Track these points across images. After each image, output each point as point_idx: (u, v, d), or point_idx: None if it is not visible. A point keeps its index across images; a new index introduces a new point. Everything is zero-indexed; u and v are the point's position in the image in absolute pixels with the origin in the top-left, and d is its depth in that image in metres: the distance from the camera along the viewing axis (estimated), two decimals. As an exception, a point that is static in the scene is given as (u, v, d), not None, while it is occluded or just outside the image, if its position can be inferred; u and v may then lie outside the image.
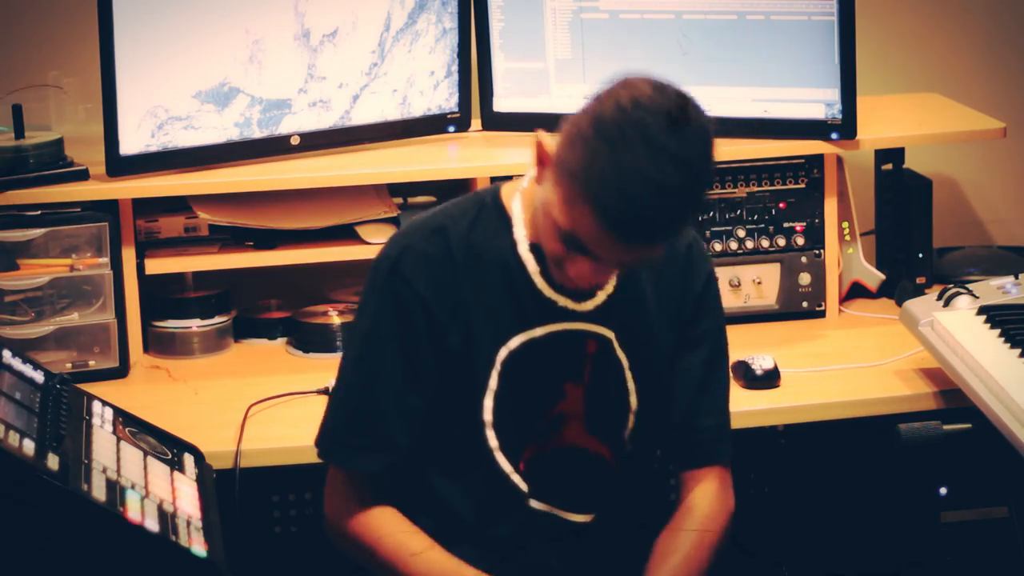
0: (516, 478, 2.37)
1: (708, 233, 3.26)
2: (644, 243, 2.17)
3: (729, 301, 3.26)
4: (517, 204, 2.35)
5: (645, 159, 2.10)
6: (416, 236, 2.36)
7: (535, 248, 2.32)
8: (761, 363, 2.91)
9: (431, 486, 2.39)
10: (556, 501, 2.39)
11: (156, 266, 3.15)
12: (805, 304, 3.29)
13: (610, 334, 2.37)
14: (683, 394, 2.42)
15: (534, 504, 2.38)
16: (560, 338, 2.35)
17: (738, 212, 3.27)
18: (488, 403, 2.34)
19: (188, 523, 2.35)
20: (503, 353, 2.34)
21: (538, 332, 2.35)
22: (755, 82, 3.22)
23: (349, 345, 2.42)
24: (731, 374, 2.92)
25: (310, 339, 3.22)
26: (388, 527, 2.35)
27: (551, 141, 2.21)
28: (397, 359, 2.33)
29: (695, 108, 2.17)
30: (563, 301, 2.35)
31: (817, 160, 3.26)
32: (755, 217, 3.28)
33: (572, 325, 2.36)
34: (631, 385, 2.39)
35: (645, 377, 2.40)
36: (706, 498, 2.41)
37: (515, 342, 2.34)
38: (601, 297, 2.36)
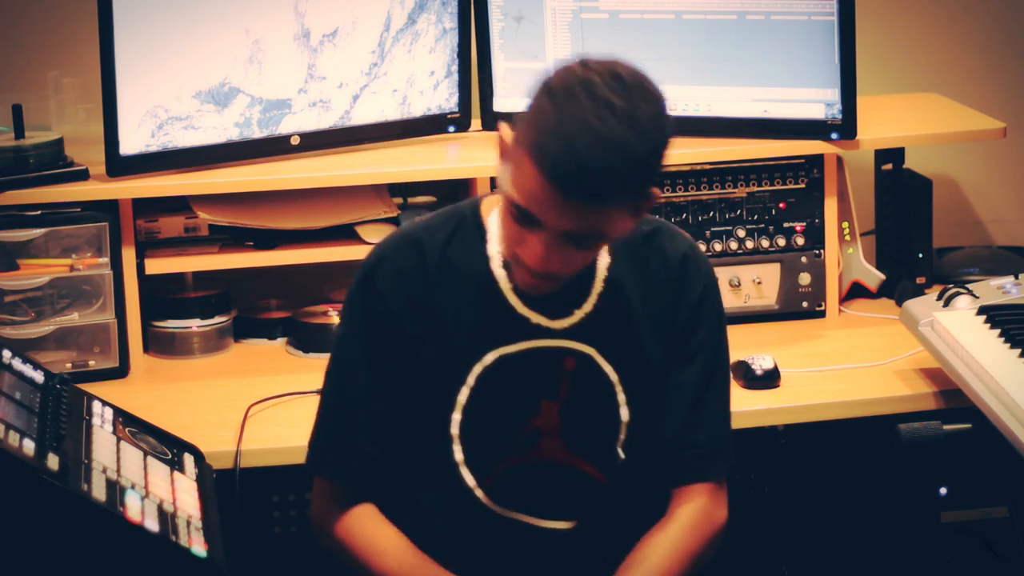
0: (480, 492, 2.36)
1: (708, 233, 3.26)
2: (587, 199, 2.12)
3: (729, 301, 3.26)
4: (494, 218, 2.33)
5: (589, 110, 2.10)
6: (391, 248, 2.37)
7: (509, 264, 2.30)
8: (761, 363, 2.91)
9: (405, 494, 2.40)
10: (531, 511, 2.37)
11: (156, 266, 3.15)
12: (805, 304, 3.29)
13: (590, 350, 2.34)
14: (677, 409, 2.38)
15: (507, 513, 2.37)
16: (535, 355, 2.33)
17: (738, 212, 3.27)
18: (456, 417, 2.34)
19: (188, 523, 2.35)
20: (477, 369, 2.33)
21: (512, 349, 2.33)
22: (755, 82, 3.22)
23: (332, 353, 2.43)
24: (732, 375, 2.94)
25: (310, 339, 3.22)
26: (362, 527, 2.37)
27: (510, 130, 2.21)
28: (366, 370, 2.35)
29: (648, 80, 2.17)
30: (536, 318, 2.33)
31: (817, 160, 3.26)
32: (755, 217, 3.28)
33: (547, 342, 2.33)
34: (621, 398, 2.36)
35: (636, 390, 2.36)
36: (690, 512, 2.37)
37: (489, 358, 2.33)
38: (578, 315, 2.33)
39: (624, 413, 2.36)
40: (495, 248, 2.32)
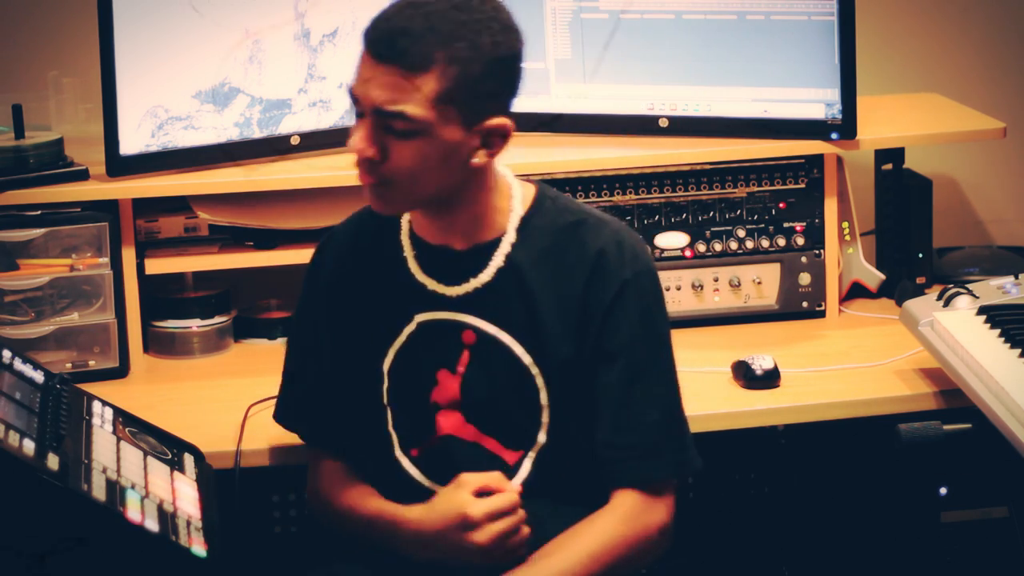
0: (407, 463, 2.43)
1: (708, 233, 3.26)
2: (386, 51, 2.22)
3: (729, 301, 3.27)
4: None
5: None
6: (343, 223, 2.54)
7: (414, 236, 2.42)
8: (761, 363, 2.91)
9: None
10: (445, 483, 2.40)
11: (156, 266, 3.15)
12: (805, 304, 3.29)
13: (491, 327, 2.37)
14: (602, 411, 2.36)
15: (432, 486, 2.40)
16: (435, 327, 2.40)
17: (738, 212, 3.27)
18: (384, 387, 2.45)
19: (188, 523, 2.35)
20: (397, 341, 2.42)
21: (417, 320, 2.41)
22: (755, 82, 3.22)
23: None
24: (732, 375, 2.94)
25: (310, 339, 3.22)
26: (337, 485, 2.47)
27: None
28: (309, 335, 2.52)
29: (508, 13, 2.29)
30: (432, 285, 2.40)
31: (817, 160, 3.26)
32: (755, 217, 3.28)
33: (445, 314, 2.40)
34: (539, 382, 2.37)
35: (550, 375, 2.37)
36: (607, 516, 2.34)
37: (407, 329, 2.41)
38: (472, 284, 2.38)
39: (543, 397, 2.38)
40: (406, 218, 2.44)
